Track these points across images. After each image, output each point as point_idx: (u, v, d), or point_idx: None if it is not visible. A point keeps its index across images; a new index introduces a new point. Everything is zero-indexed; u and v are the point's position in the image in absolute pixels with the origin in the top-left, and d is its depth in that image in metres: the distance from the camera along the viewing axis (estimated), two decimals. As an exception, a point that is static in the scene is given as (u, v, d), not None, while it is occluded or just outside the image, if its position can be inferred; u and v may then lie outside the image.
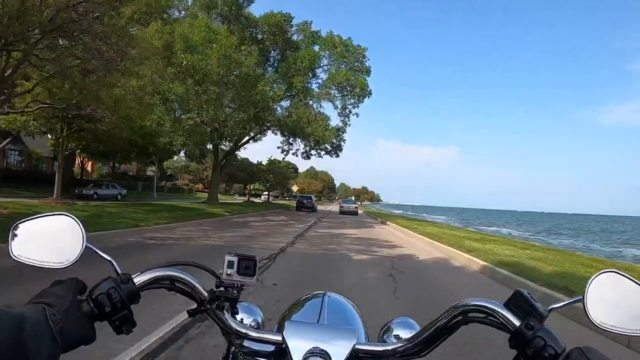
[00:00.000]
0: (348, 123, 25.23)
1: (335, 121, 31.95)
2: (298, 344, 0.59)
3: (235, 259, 0.68)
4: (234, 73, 17.41)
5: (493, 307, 0.55)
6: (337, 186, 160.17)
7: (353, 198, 59.49)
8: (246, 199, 42.15)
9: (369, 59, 23.41)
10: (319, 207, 39.76)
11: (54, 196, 15.44)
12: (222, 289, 0.66)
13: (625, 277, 0.55)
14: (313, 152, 26.65)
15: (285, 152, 27.46)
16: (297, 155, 27.38)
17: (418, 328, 0.65)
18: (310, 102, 24.26)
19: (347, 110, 24.36)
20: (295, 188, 67.96)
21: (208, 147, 24.41)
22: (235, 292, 0.66)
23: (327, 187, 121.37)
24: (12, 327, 0.42)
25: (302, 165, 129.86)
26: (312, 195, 35.91)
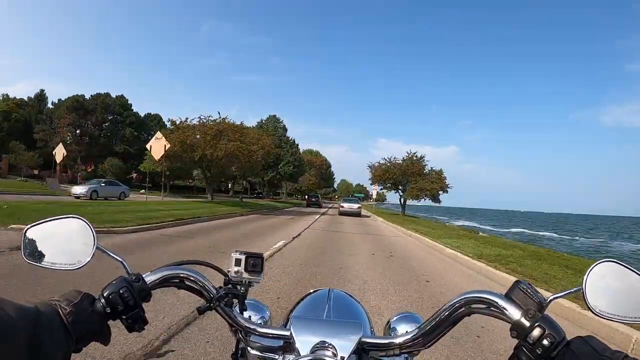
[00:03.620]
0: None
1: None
2: (305, 339, 0.60)
3: (242, 257, 0.70)
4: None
5: (493, 298, 0.57)
6: (337, 183, 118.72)
7: (374, 194, 38.32)
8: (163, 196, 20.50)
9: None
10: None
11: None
12: (230, 286, 0.68)
13: (624, 266, 0.56)
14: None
15: None
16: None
17: (422, 321, 0.66)
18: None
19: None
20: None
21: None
22: (243, 289, 0.68)
23: (318, 176, 69.71)
24: (28, 320, 0.43)
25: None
26: (318, 195, 43.78)
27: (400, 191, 32.12)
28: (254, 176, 46.53)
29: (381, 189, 35.01)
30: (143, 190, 28.22)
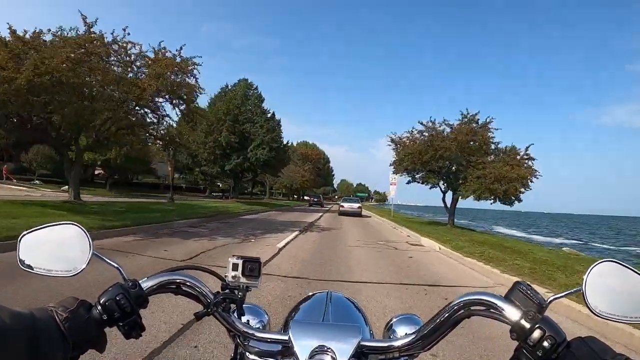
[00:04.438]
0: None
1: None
2: (304, 343, 0.60)
3: (239, 262, 0.69)
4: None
5: (492, 299, 0.56)
6: (337, 183, 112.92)
7: (392, 191, 21.82)
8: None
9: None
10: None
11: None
12: (227, 291, 0.67)
13: (624, 266, 0.55)
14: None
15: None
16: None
17: (421, 323, 0.66)
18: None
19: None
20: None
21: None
22: (240, 294, 0.68)
23: (314, 172, 56.21)
24: (25, 327, 0.43)
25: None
26: (320, 195, 43.56)
27: (444, 183, 16.71)
28: (210, 164, 29.57)
29: (408, 182, 17.58)
30: (67, 187, 16.08)
